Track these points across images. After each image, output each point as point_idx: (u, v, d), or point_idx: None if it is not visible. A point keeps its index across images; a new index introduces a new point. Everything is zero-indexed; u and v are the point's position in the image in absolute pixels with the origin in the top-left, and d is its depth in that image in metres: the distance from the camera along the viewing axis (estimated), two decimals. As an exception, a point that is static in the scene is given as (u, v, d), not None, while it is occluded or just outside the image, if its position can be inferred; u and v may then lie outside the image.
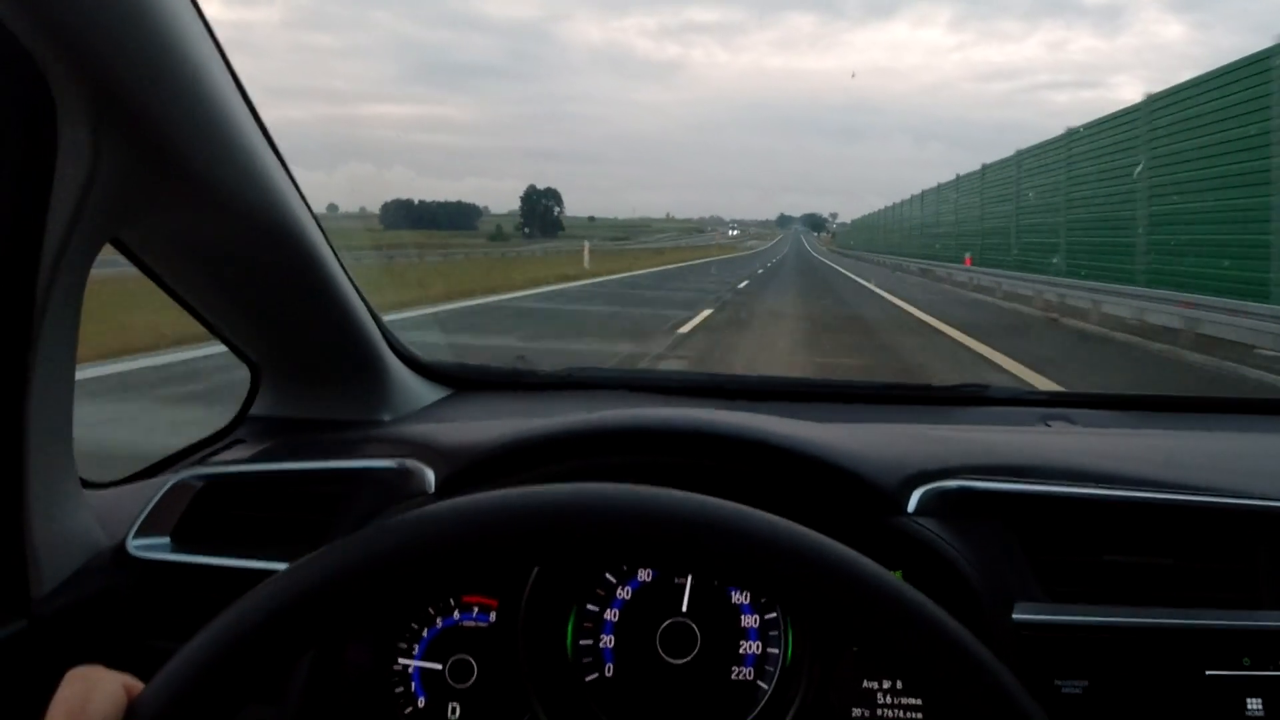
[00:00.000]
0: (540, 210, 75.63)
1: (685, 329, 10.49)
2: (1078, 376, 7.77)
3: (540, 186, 78.87)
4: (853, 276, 26.20)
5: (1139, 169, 13.81)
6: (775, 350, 9.04)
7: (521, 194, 78.09)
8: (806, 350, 9.10)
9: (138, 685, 0.52)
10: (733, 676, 0.96)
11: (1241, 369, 8.17)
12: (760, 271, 29.07)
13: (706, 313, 12.10)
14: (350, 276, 1.21)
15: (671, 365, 7.54)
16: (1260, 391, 7.52)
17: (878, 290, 19.23)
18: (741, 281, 21.91)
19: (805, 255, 53.66)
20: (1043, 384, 6.70)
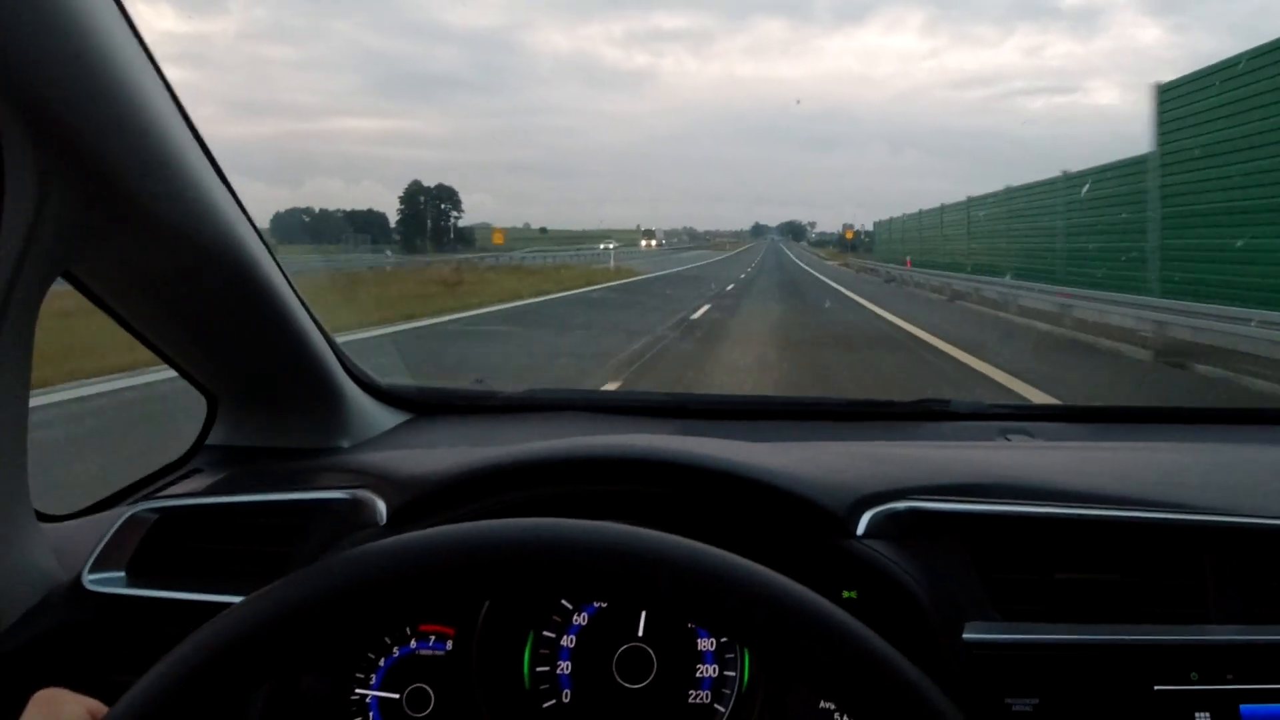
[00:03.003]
0: (431, 214, 57.39)
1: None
2: None
3: (429, 184, 58.47)
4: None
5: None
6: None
7: (401, 193, 58.19)
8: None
9: (101, 709, 0.54)
10: (690, 700, 0.97)
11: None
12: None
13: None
14: (304, 303, 1.21)
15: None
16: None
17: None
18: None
19: (799, 291, 22.95)
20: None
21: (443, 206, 58.71)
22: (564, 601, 0.99)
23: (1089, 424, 1.60)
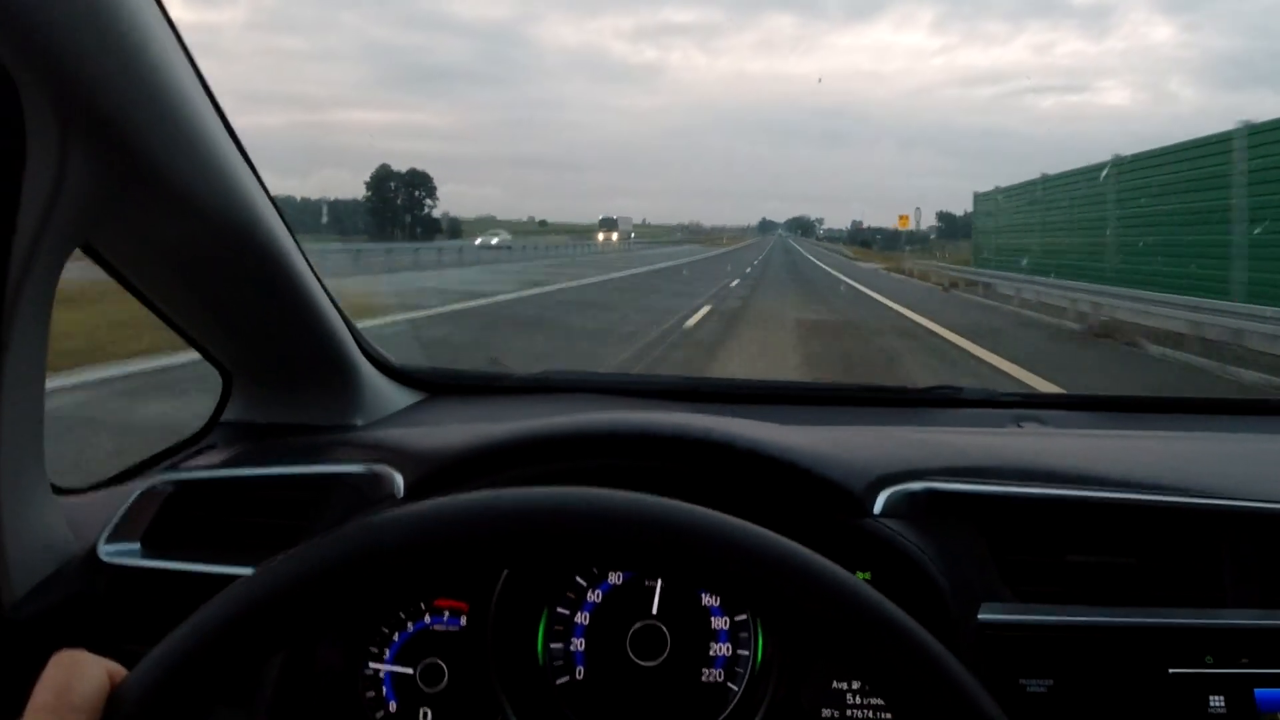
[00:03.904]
0: (404, 202, 51.56)
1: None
2: None
3: (400, 169, 53.42)
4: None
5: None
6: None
7: (368, 178, 52.74)
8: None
9: (121, 671, 0.54)
10: (703, 678, 0.97)
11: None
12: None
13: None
14: (321, 281, 1.21)
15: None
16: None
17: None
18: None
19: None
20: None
21: (416, 194, 53.63)
22: (578, 579, 0.99)
23: (1101, 412, 1.60)
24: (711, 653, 0.97)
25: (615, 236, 57.87)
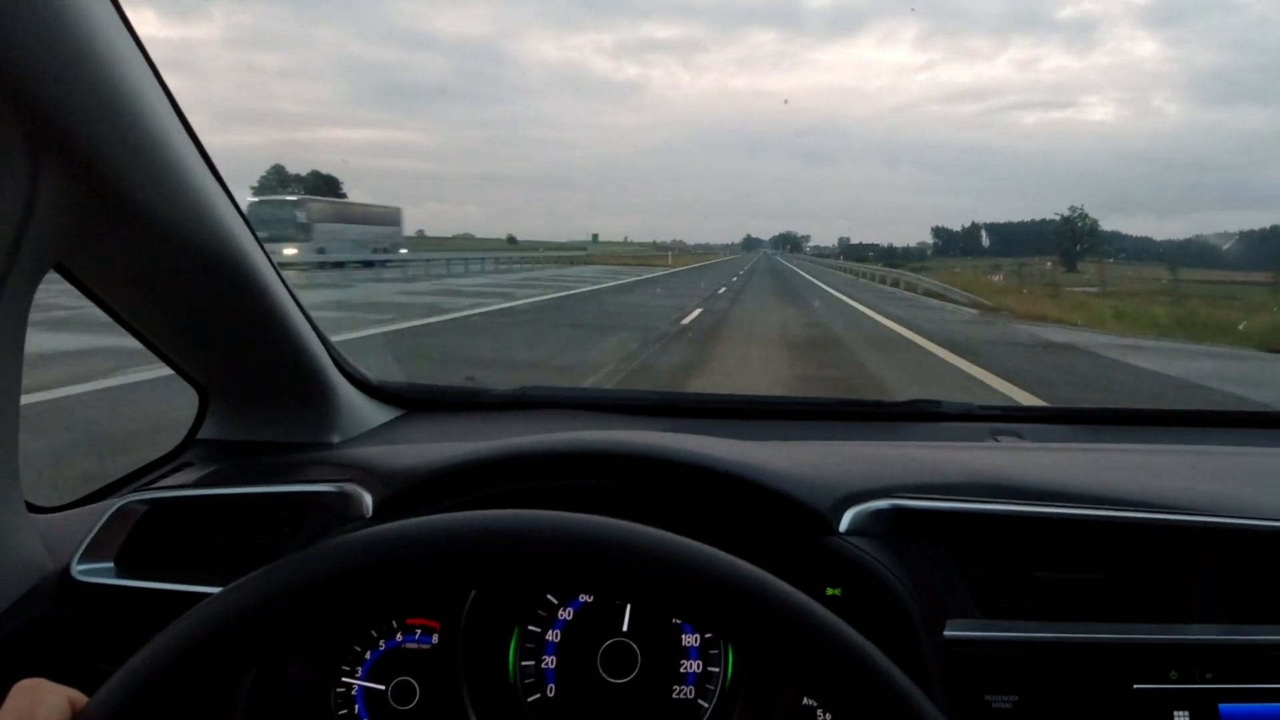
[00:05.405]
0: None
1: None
2: None
3: (298, 172, 47.98)
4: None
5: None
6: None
7: (255, 183, 47.07)
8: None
9: (82, 699, 0.54)
10: (674, 695, 0.97)
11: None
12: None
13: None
14: (297, 300, 1.21)
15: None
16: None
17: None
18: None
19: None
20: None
21: (318, 202, 45.36)
22: (549, 596, 1.00)
23: (1077, 425, 1.61)
24: (682, 669, 0.98)
25: (292, 252, 27.25)
